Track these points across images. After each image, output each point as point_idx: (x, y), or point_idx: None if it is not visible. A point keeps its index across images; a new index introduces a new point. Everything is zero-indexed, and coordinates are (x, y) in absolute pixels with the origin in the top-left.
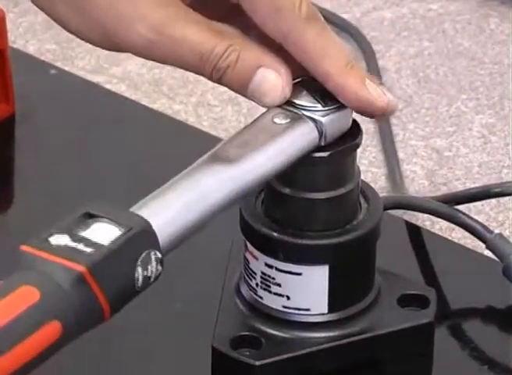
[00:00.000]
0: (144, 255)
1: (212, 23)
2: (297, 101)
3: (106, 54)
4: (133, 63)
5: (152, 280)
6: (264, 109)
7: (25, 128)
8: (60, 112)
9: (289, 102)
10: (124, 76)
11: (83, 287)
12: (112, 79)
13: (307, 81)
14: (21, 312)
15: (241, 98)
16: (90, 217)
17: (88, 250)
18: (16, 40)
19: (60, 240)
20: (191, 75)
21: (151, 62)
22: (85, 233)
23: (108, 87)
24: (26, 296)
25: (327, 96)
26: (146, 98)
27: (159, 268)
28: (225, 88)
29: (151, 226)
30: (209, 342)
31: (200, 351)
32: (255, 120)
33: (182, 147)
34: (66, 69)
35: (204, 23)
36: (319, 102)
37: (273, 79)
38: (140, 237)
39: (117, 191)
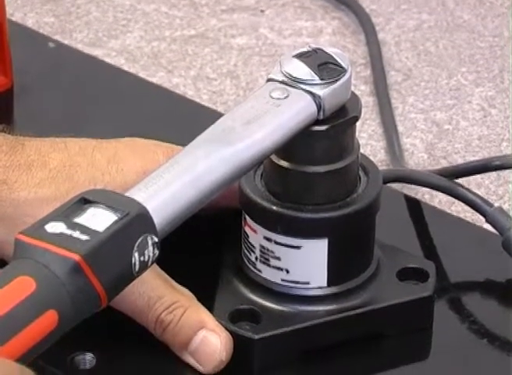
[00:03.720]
0: (140, 239)
1: (170, 279)
2: (295, 75)
3: (105, 27)
4: (131, 36)
5: (149, 264)
6: (263, 83)
7: (23, 101)
8: (58, 85)
9: (286, 76)
10: (123, 49)
11: (79, 276)
12: (110, 52)
13: (305, 55)
14: (18, 303)
15: (240, 72)
16: (85, 203)
17: (84, 237)
18: (15, 13)
19: (56, 227)
20: (190, 48)
21: (150, 35)
22: (81, 220)
23: (106, 60)
24: (22, 286)
25: (325, 69)
26: (145, 71)
27: (156, 252)
28: (224, 61)
29: (147, 211)
30: None
31: None
32: (253, 95)
33: (180, 120)
34: (65, 42)
35: (162, 275)
36: (317, 75)
37: (213, 343)
38: (136, 221)
39: None
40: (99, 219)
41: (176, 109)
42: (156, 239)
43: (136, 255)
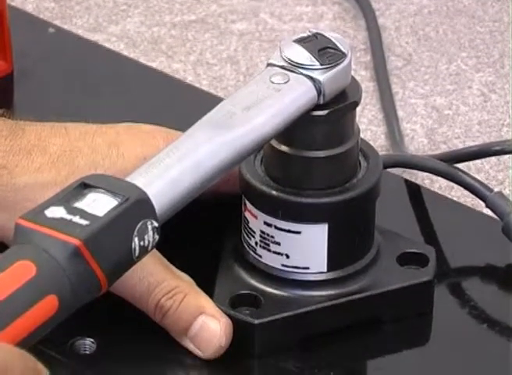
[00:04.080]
0: (140, 224)
1: (170, 265)
2: (295, 60)
3: (105, 12)
4: (131, 21)
5: (149, 249)
6: (263, 68)
7: (23, 86)
8: (58, 70)
9: (287, 61)
10: (123, 34)
11: (79, 261)
12: (110, 37)
13: (305, 40)
14: (18, 288)
15: (240, 57)
16: (85, 187)
17: (84, 222)
18: None
19: (56, 212)
20: (190, 33)
21: (150, 20)
22: (81, 205)
23: (106, 45)
24: (22, 271)
25: (325, 54)
26: (144, 56)
27: (156, 237)
28: (224, 46)
29: (147, 196)
30: None
31: None
32: (253, 80)
33: (180, 105)
34: (65, 27)
35: (162, 260)
36: (317, 60)
37: (213, 328)
38: (136, 206)
39: None
40: (99, 204)
41: (176, 95)
42: (156, 224)
43: (136, 239)
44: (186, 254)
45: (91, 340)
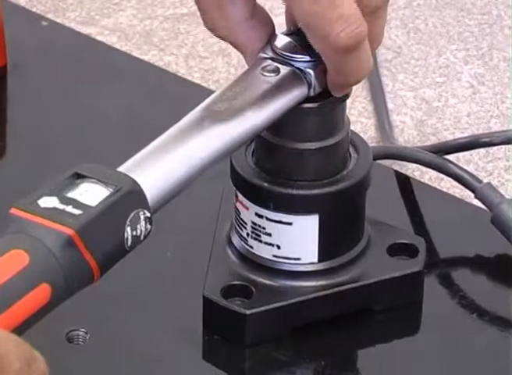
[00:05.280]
0: (132, 214)
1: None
2: (286, 53)
3: (97, 6)
4: (124, 15)
5: (142, 239)
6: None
7: (17, 79)
8: (51, 63)
9: (277, 54)
10: (115, 27)
11: (72, 250)
12: (103, 30)
13: (295, 33)
14: (11, 276)
15: (231, 50)
16: (78, 178)
17: (77, 212)
18: None
19: (49, 202)
20: (182, 26)
21: (143, 13)
22: (73, 195)
23: (99, 38)
24: (15, 260)
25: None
26: (137, 49)
27: (148, 227)
28: (216, 39)
29: (139, 186)
30: (200, 292)
31: (191, 300)
32: (244, 73)
33: (172, 98)
34: (58, 20)
35: None
36: (307, 53)
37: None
38: (129, 197)
39: (108, 142)
40: (92, 193)
41: (168, 87)
42: (148, 214)
43: (128, 229)
44: (178, 244)
45: (84, 331)
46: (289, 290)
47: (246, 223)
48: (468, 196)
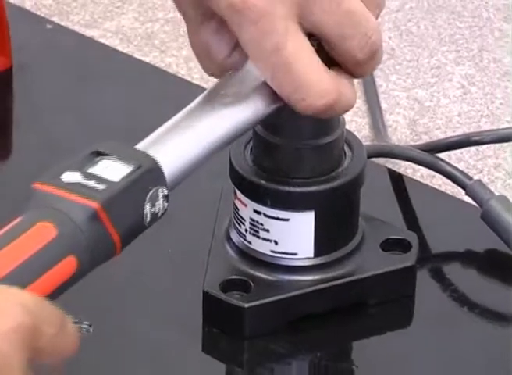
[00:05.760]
0: (152, 191)
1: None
2: None
3: (100, 9)
4: (126, 18)
5: (159, 216)
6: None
7: (22, 80)
8: (56, 64)
9: None
10: (117, 30)
11: (97, 223)
12: (105, 33)
13: None
14: (40, 248)
15: None
16: (98, 155)
17: (100, 187)
18: None
19: (72, 177)
20: (182, 29)
21: (144, 16)
22: (95, 171)
23: (102, 41)
24: (43, 232)
25: None
26: (138, 51)
27: (165, 204)
28: None
29: (158, 164)
30: (200, 286)
31: (191, 294)
32: (245, 66)
33: (173, 98)
34: (62, 23)
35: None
36: None
37: None
38: (149, 174)
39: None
40: (113, 170)
41: (169, 88)
42: (166, 192)
43: (147, 206)
44: (179, 240)
45: (87, 323)
46: (286, 284)
47: (244, 220)
48: (459, 193)
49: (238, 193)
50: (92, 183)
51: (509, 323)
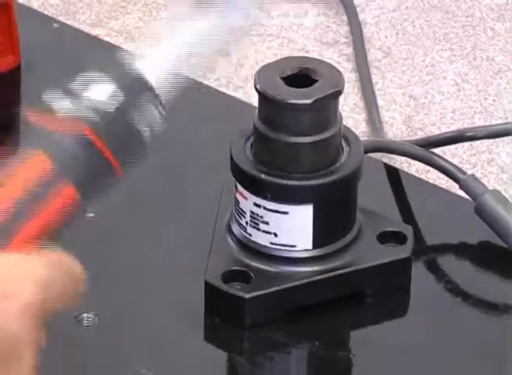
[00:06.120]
0: (146, 108)
1: None
2: None
3: (105, 9)
4: (130, 17)
5: (155, 130)
6: (252, 60)
7: (30, 78)
8: (62, 62)
9: None
10: (122, 29)
11: (91, 148)
12: (111, 32)
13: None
14: (36, 177)
15: (231, 50)
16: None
17: (91, 112)
18: None
19: (63, 104)
20: None
21: (148, 16)
22: (84, 94)
23: (107, 39)
24: (38, 162)
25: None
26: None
27: (163, 112)
28: None
29: (149, 81)
30: (202, 277)
31: (194, 285)
32: None
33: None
34: (68, 23)
35: None
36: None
37: None
38: (141, 91)
39: None
40: (101, 90)
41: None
42: (163, 110)
43: (142, 123)
44: (180, 232)
45: (93, 313)
46: (285, 275)
47: (245, 213)
48: (453, 187)
49: (239, 186)
50: (83, 108)
51: (501, 313)
